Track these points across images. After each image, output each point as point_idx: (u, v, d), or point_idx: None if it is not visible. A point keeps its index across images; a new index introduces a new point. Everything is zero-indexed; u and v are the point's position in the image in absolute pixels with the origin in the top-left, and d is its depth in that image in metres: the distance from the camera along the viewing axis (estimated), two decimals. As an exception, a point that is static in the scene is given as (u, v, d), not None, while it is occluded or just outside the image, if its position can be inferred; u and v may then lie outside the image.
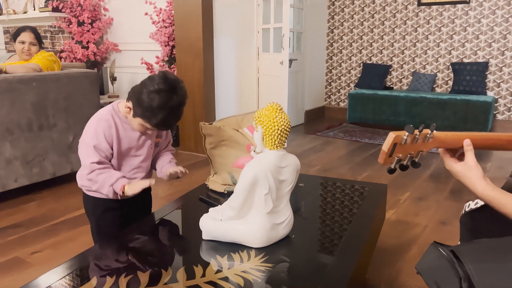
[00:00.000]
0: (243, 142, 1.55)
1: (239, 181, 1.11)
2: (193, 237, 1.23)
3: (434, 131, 0.88)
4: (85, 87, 2.85)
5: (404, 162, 0.86)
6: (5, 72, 2.43)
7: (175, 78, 1.28)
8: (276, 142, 1.11)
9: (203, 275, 1.00)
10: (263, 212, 1.11)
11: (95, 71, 2.97)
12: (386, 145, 0.83)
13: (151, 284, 0.96)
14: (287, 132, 1.11)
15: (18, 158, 2.52)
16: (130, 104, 1.27)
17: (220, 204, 1.38)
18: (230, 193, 1.56)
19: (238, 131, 1.57)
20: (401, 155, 0.85)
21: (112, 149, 1.30)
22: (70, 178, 2.90)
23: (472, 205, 1.07)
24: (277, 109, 1.10)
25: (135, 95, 1.24)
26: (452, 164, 0.94)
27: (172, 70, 3.74)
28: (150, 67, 3.81)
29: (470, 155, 0.91)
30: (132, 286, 0.95)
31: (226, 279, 0.99)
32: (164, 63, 3.80)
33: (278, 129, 1.09)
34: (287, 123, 1.10)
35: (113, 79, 4.11)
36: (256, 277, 0.99)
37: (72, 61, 4.24)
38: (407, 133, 0.83)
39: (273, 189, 1.10)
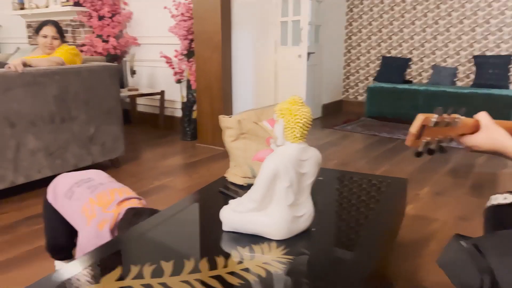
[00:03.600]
0: (263, 135, 1.56)
1: (260, 174, 1.12)
2: (213, 229, 1.24)
3: (462, 117, 0.87)
4: (106, 80, 2.90)
5: (432, 146, 0.86)
6: (29, 66, 2.49)
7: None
8: (298, 135, 1.11)
9: (225, 266, 1.02)
10: (284, 204, 1.12)
11: (116, 64, 3.02)
12: (414, 127, 0.83)
13: (175, 274, 0.98)
14: (308, 125, 1.11)
15: (41, 150, 2.58)
16: None
17: (240, 197, 1.39)
18: (250, 186, 1.57)
19: (257, 124, 1.57)
20: (429, 139, 0.84)
21: None
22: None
23: (500, 199, 1.05)
24: (298, 102, 1.11)
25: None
26: (471, 139, 0.92)
27: (190, 63, 3.77)
28: (169, 61, 3.85)
29: (482, 117, 0.89)
30: (157, 275, 0.98)
31: (248, 270, 1.00)
32: (183, 56, 3.82)
33: (299, 122, 1.09)
34: (308, 116, 1.10)
35: (133, 72, 4.16)
36: (277, 268, 1.00)
37: (92, 55, 4.31)
38: (436, 115, 0.83)
39: (294, 182, 1.11)
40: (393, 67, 5.08)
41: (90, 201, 1.50)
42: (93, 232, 1.44)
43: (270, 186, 1.11)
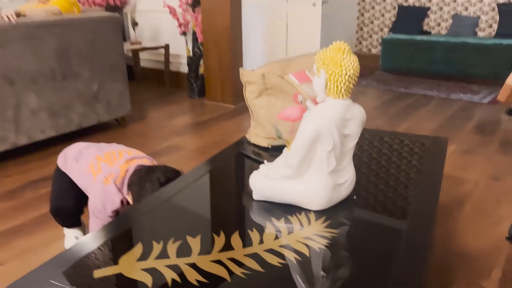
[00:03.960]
0: (290, 90, 1.39)
1: (298, 136, 0.96)
2: (242, 197, 1.11)
3: None
4: (108, 33, 2.68)
5: None
6: (23, 16, 2.27)
7: (173, 177, 1.28)
8: (343, 90, 0.94)
9: (261, 242, 0.89)
10: (325, 171, 0.97)
11: (118, 15, 2.79)
12: None
13: (204, 252, 0.85)
14: (356, 78, 0.94)
15: (43, 109, 2.42)
16: (130, 199, 1.35)
17: (266, 160, 1.25)
18: (274, 148, 1.42)
19: (283, 78, 1.40)
20: None
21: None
22: (97, 129, 2.82)
23: None
24: (344, 49, 0.93)
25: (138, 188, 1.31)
26: None
27: (196, 14, 3.51)
28: (173, 11, 3.58)
29: None
30: (183, 254, 0.85)
31: (287, 247, 0.87)
32: (188, 6, 3.56)
33: (346, 74, 0.92)
34: (356, 67, 0.93)
35: (135, 24, 3.90)
36: (321, 245, 0.87)
37: (90, 6, 4.03)
38: None
39: (338, 145, 0.96)
40: (410, 17, 4.77)
41: (97, 158, 1.42)
42: (98, 188, 1.36)
43: (309, 150, 0.96)
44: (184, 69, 4.02)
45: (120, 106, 2.86)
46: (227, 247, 0.87)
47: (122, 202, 1.37)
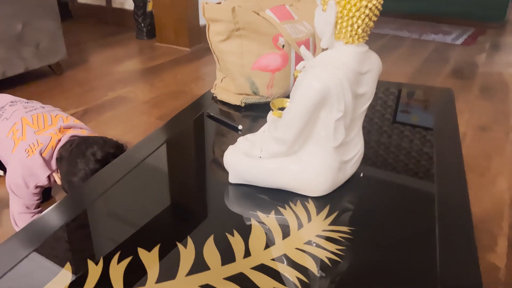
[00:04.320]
0: (268, 31, 1.07)
1: (296, 98, 0.67)
2: (211, 181, 0.83)
3: None
4: (28, -44, 2.16)
5: None
6: None
7: (113, 152, 1.05)
8: (359, 30, 0.65)
9: (247, 253, 0.62)
10: (329, 145, 0.70)
11: None
12: None
13: (166, 275, 0.58)
14: (377, 13, 0.65)
15: (-50, 55, 1.94)
16: (57, 178, 1.10)
17: (241, 125, 0.97)
18: (249, 106, 1.13)
19: (259, 15, 1.07)
20: None
21: None
22: (26, 78, 2.37)
23: None
24: (364, -30, 0.62)
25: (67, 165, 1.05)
26: None
27: None
28: None
29: None
30: (134, 281, 0.57)
31: (284, 260, 0.61)
32: None
33: (366, 7, 0.62)
34: (380, -3, 0.63)
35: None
36: (333, 254, 0.62)
37: None
38: None
39: (349, 111, 0.68)
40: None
41: (22, 120, 1.11)
42: (19, 159, 1.05)
43: (311, 117, 0.68)
44: (130, 5, 3.50)
45: (53, 50, 2.39)
46: (199, 265, 0.60)
47: (49, 178, 1.08)
